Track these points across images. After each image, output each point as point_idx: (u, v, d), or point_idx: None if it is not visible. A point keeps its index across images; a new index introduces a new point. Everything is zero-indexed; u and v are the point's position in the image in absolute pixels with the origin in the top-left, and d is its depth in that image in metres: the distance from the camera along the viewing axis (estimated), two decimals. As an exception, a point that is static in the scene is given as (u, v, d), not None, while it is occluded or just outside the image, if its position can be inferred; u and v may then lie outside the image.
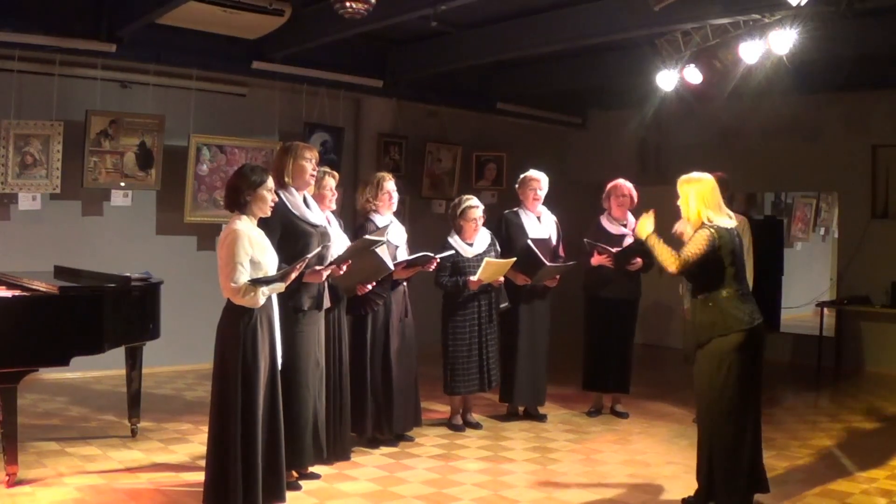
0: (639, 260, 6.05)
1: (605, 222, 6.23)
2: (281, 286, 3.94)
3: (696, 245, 4.04)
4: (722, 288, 4.05)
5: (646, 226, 4.32)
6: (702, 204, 4.09)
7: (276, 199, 4.08)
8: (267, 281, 3.83)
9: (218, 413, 3.89)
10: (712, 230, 4.03)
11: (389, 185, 5.40)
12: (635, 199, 6.24)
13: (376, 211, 5.39)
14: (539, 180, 6.07)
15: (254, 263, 3.83)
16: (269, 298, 3.93)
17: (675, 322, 9.57)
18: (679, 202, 4.22)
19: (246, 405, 3.81)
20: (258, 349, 3.84)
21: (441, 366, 5.84)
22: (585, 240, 6.07)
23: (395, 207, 5.45)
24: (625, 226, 6.20)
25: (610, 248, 5.94)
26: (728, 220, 4.13)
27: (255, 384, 3.83)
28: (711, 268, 4.04)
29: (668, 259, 4.12)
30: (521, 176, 6.17)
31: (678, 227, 4.42)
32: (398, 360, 5.34)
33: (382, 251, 4.84)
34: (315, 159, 4.62)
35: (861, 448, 5.52)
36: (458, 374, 5.73)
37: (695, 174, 4.20)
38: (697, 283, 4.16)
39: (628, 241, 6.10)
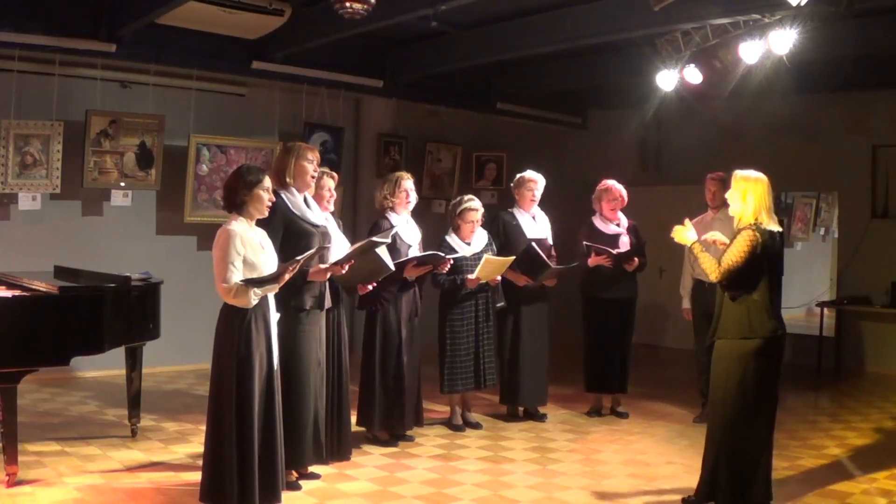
0: (636, 260, 6.06)
1: (598, 223, 6.23)
2: (274, 287, 3.93)
3: (737, 251, 3.96)
4: (754, 291, 4.00)
5: (688, 234, 4.24)
6: (759, 204, 4.01)
7: (274, 199, 4.07)
8: (259, 281, 3.82)
9: (214, 412, 3.89)
10: (756, 232, 3.96)
11: (407, 184, 5.43)
12: (626, 200, 6.24)
13: (393, 209, 5.41)
14: (536, 181, 6.07)
15: (247, 264, 3.82)
16: (264, 298, 3.92)
17: (674, 322, 9.57)
18: (729, 196, 4.14)
19: (240, 405, 3.81)
20: (252, 349, 3.84)
21: (436, 365, 5.85)
22: (584, 243, 6.06)
23: (412, 206, 5.49)
24: (617, 225, 6.21)
25: (610, 250, 5.95)
26: (774, 225, 4.06)
27: (250, 384, 3.82)
28: (749, 269, 3.98)
29: (710, 267, 4.05)
30: (518, 176, 6.17)
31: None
32: (405, 360, 5.35)
33: (383, 252, 4.84)
34: (316, 160, 4.63)
35: (861, 448, 5.53)
36: (455, 373, 5.74)
37: (753, 172, 4.11)
38: (731, 281, 4.09)
39: (623, 239, 6.11)
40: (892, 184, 8.43)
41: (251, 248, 3.86)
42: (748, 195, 4.04)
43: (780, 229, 4.09)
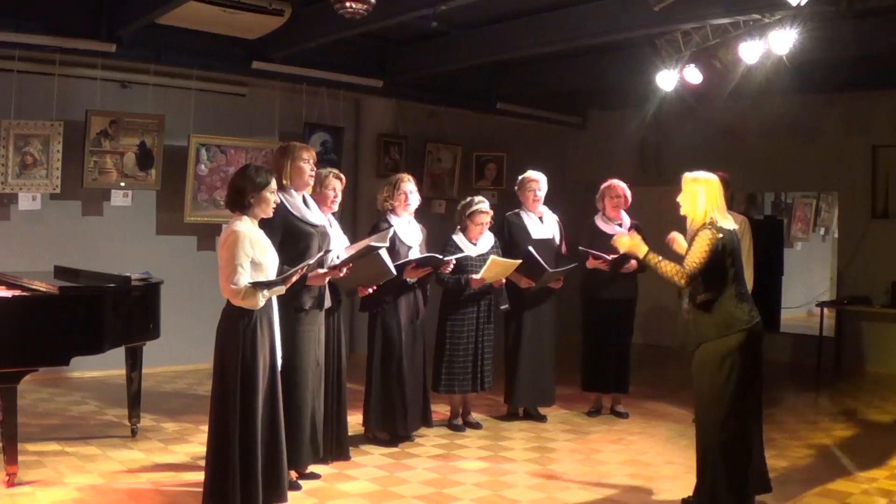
0: (633, 262, 6.04)
1: (600, 222, 6.22)
2: (281, 289, 3.93)
3: (698, 252, 3.99)
4: (724, 289, 4.03)
5: (638, 246, 4.25)
6: (710, 204, 4.06)
7: (278, 201, 4.08)
8: (268, 284, 3.82)
9: (217, 413, 3.88)
10: (714, 231, 4.00)
11: (407, 185, 5.41)
12: (629, 199, 6.23)
13: (393, 211, 5.41)
14: (538, 181, 6.06)
15: (255, 264, 3.82)
16: (269, 299, 3.92)
17: (673, 322, 9.57)
18: (681, 198, 4.17)
19: (245, 406, 3.81)
20: (257, 350, 3.83)
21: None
22: (580, 248, 6.05)
23: (412, 208, 5.47)
24: (620, 225, 6.19)
25: (605, 255, 5.92)
26: (729, 222, 4.12)
27: (255, 385, 3.83)
28: (714, 270, 4.02)
29: (674, 274, 4.05)
30: (520, 177, 6.17)
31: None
32: (406, 361, 5.34)
33: (385, 255, 4.84)
34: (313, 159, 4.61)
35: (861, 448, 5.52)
36: (453, 373, 5.73)
37: (702, 173, 4.16)
38: (698, 284, 4.13)
39: None
40: (892, 184, 8.43)
41: (259, 249, 3.86)
42: (699, 196, 4.09)
43: (734, 226, 4.14)
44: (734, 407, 4.00)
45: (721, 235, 4.00)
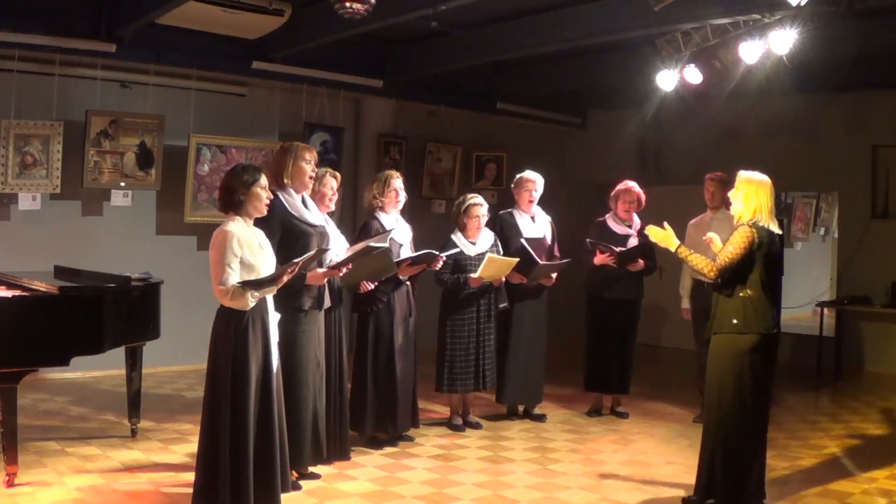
0: (641, 261, 6.05)
1: (611, 222, 6.23)
2: (273, 288, 3.90)
3: (734, 246, 4.00)
4: (746, 286, 4.02)
5: (669, 238, 4.24)
6: (759, 205, 4.06)
7: (272, 197, 4.05)
8: (256, 283, 3.78)
9: (208, 416, 3.86)
10: (754, 230, 4.01)
11: (396, 183, 5.41)
12: (643, 202, 6.23)
13: (382, 209, 5.40)
14: (534, 182, 6.07)
15: (245, 265, 3.79)
16: (263, 300, 3.88)
17: (674, 322, 9.57)
18: (732, 195, 4.18)
19: (235, 408, 3.77)
20: (249, 351, 3.80)
21: (434, 364, 5.84)
22: (588, 240, 6.06)
23: (401, 205, 5.47)
24: (630, 226, 6.20)
25: (613, 248, 5.94)
26: (775, 226, 4.09)
27: (246, 387, 3.79)
28: (745, 266, 4.01)
29: (704, 266, 4.07)
30: (517, 177, 6.17)
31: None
32: (400, 360, 5.34)
33: (390, 252, 4.85)
34: (314, 160, 4.62)
35: (861, 448, 5.53)
36: (455, 373, 5.73)
37: (756, 174, 4.15)
38: (727, 279, 4.11)
39: (633, 241, 6.10)
40: (892, 184, 8.43)
41: (249, 249, 3.83)
42: (751, 197, 4.09)
43: (780, 232, 4.13)
44: (742, 408, 4.00)
45: (758, 234, 3.99)
